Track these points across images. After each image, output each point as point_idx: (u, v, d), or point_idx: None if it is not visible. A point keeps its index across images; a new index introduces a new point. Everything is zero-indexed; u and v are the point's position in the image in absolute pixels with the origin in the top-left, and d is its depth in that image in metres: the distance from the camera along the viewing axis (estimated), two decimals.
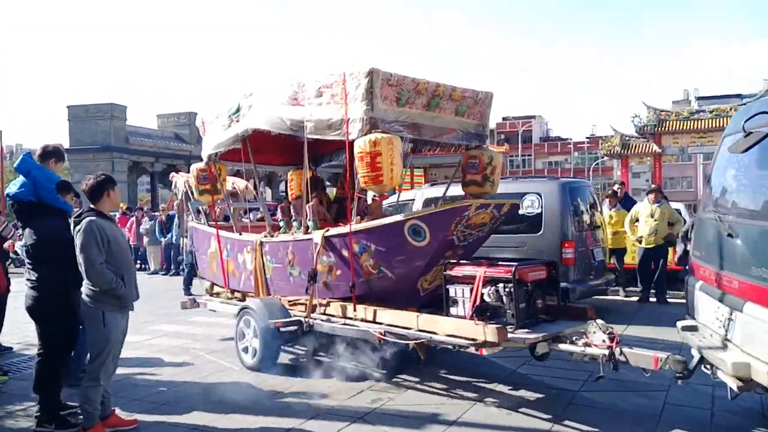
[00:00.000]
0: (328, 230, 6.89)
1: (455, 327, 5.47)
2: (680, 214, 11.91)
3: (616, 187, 12.65)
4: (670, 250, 11.34)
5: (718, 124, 19.20)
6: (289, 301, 7.36)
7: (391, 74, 6.16)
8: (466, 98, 6.92)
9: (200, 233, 9.36)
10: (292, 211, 8.11)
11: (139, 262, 19.27)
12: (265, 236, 7.85)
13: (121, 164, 36.60)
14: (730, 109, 18.34)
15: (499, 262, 5.81)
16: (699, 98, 53.80)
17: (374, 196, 8.09)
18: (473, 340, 5.21)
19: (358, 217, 6.88)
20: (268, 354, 6.95)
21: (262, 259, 7.78)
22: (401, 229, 6.14)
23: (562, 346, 5.25)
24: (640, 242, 11.22)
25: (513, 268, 5.38)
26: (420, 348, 5.80)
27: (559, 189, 9.43)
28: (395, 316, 6.11)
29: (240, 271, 8.34)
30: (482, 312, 5.46)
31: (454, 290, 5.84)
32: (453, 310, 5.83)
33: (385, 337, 5.99)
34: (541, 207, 9.39)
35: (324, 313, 6.90)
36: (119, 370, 5.61)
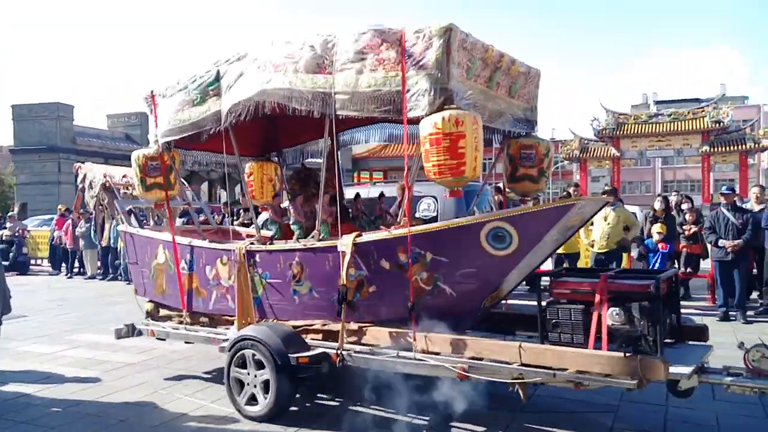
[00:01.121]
0: (360, 235, 5.34)
1: (586, 360, 4.26)
2: (636, 218, 11.69)
3: (571, 189, 12.23)
4: (624, 255, 10.97)
5: (676, 128, 19.76)
6: (294, 328, 5.69)
7: (466, 34, 4.83)
8: (521, 74, 5.75)
9: (139, 240, 7.21)
10: (292, 212, 6.38)
11: (77, 265, 18.82)
12: (253, 243, 6.07)
13: (67, 165, 33.95)
14: (688, 112, 19.22)
15: (610, 275, 4.71)
16: (657, 102, 54.05)
17: (445, 192, 6.58)
18: (626, 376, 4.05)
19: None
20: (282, 400, 5.26)
21: (248, 273, 5.99)
22: (476, 234, 4.82)
23: (715, 377, 4.28)
24: (593, 246, 10.75)
25: (653, 282, 4.30)
26: (522, 388, 4.53)
27: None
28: (483, 346, 4.75)
29: (209, 288, 6.44)
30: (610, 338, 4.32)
31: (556, 311, 4.63)
32: (553, 336, 4.63)
33: (468, 374, 4.63)
34: (437, 211, 8.96)
35: (359, 343, 5.34)
36: (14, 388, 5.68)
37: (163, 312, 7.10)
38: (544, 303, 4.72)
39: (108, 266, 17.55)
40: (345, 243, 5.33)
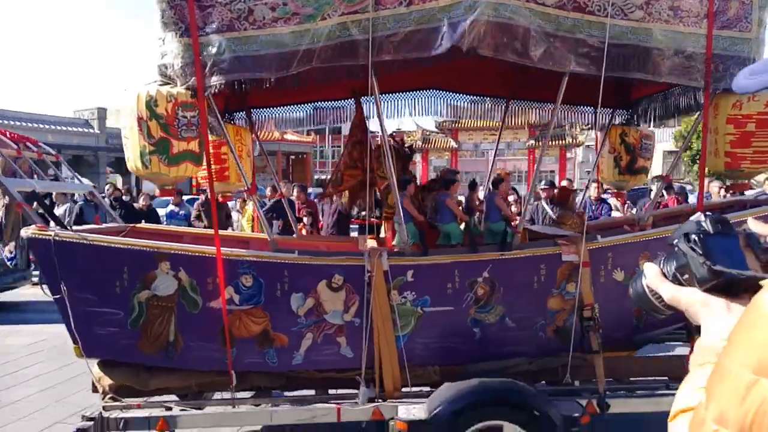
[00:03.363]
0: (596, 238, 4.01)
1: None
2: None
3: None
4: None
5: (507, 123, 20.03)
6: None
7: None
8: None
9: (97, 255, 3.75)
10: (406, 208, 4.28)
11: None
12: (390, 252, 3.90)
13: None
14: (518, 109, 19.64)
15: None
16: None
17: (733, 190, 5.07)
18: None
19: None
20: None
21: (387, 299, 3.83)
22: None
23: None
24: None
25: None
26: None
27: None
28: None
29: (297, 330, 3.86)
30: None
31: None
32: None
33: None
34: None
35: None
36: None
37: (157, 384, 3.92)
38: None
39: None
40: (570, 250, 3.92)
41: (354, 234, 10.72)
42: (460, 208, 4.55)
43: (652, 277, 0.93)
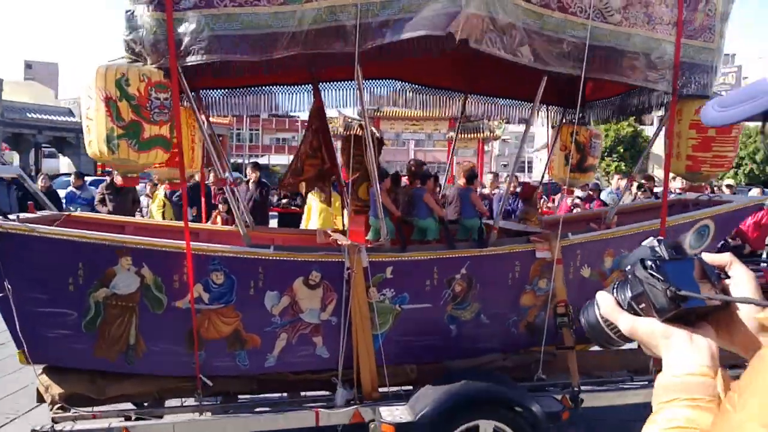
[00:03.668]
0: (567, 235, 4.08)
1: None
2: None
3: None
4: None
5: (428, 114, 19.75)
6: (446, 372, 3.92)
7: None
8: None
9: (46, 248, 3.33)
10: (384, 202, 4.13)
11: None
12: (371, 247, 3.78)
13: None
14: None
15: None
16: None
17: (680, 186, 5.11)
18: None
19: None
20: None
21: (366, 297, 3.72)
22: (688, 230, 4.44)
23: None
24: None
25: None
26: None
27: None
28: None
29: (271, 331, 3.65)
30: None
31: None
32: None
33: None
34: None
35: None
36: None
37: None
38: None
39: None
40: (549, 246, 3.98)
41: (273, 223, 10.25)
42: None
43: (608, 307, 0.86)
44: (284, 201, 11.78)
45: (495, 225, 4.02)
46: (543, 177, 6.32)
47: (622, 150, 28.76)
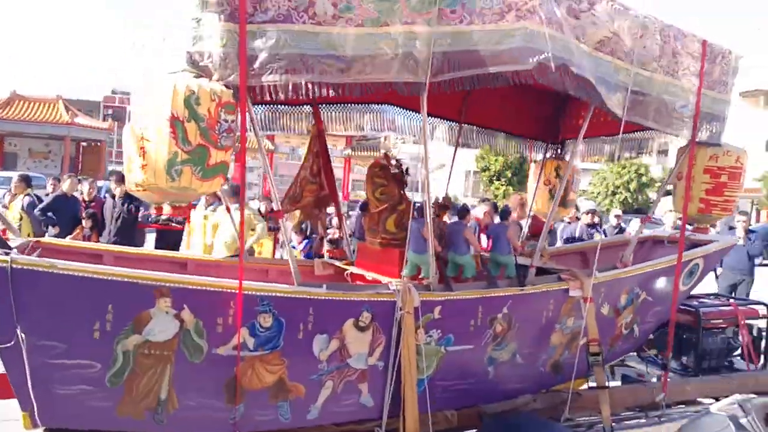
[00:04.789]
0: (600, 271, 4.13)
1: None
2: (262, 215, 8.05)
3: None
4: None
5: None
6: (484, 415, 3.81)
7: None
8: None
9: (65, 288, 2.73)
10: (428, 232, 3.89)
11: None
12: (423, 285, 3.56)
13: None
14: None
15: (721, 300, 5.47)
16: None
17: (694, 227, 5.04)
18: None
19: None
20: None
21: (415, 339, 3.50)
22: (682, 269, 4.70)
23: None
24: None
25: None
26: None
27: None
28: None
29: (316, 379, 3.31)
30: None
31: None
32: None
33: None
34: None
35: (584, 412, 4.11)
36: None
37: None
38: None
39: None
40: (577, 285, 4.02)
41: (150, 240, 8.92)
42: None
43: None
44: (163, 217, 10.51)
45: (533, 263, 3.97)
46: None
47: (509, 175, 30.28)
